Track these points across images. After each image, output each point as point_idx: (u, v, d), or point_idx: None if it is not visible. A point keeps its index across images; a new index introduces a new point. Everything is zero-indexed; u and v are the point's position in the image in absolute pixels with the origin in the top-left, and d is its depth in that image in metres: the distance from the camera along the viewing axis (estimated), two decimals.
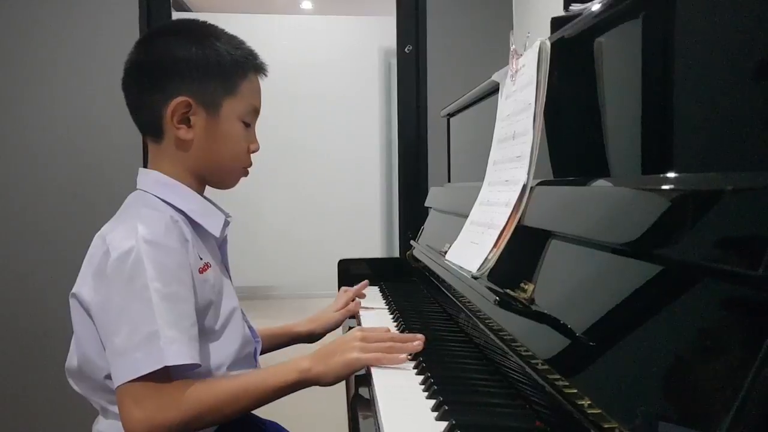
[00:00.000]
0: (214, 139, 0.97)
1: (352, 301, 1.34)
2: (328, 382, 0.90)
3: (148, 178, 0.98)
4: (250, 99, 0.99)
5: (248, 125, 1.00)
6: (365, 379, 0.90)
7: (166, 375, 0.82)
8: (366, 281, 1.42)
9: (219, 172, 1.01)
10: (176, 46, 0.96)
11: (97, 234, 0.92)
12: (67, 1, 2.03)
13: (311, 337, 1.27)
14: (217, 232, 1.00)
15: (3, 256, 2.04)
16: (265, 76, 1.04)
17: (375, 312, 1.34)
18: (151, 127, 0.98)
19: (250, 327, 1.07)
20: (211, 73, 0.95)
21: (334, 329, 1.31)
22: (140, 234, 0.86)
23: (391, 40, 2.30)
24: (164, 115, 0.95)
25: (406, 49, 2.19)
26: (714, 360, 0.44)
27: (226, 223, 1.02)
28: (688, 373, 0.46)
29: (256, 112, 1.02)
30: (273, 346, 1.23)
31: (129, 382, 0.80)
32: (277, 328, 1.25)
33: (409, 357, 0.94)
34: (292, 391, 0.89)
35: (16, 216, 2.04)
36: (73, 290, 0.91)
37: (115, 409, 0.90)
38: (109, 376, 0.88)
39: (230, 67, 0.97)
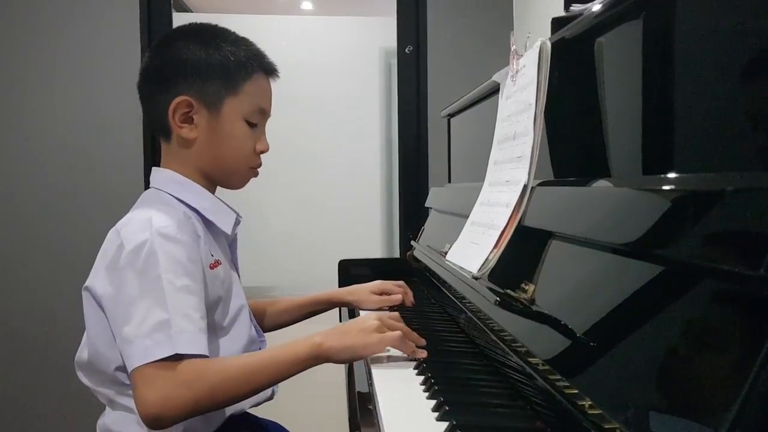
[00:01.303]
0: (217, 137, 0.98)
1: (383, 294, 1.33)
2: (341, 359, 0.90)
3: (162, 177, 1.00)
4: (254, 99, 1.00)
5: (254, 125, 1.01)
6: (366, 379, 0.90)
7: (177, 360, 0.83)
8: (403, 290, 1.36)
9: (224, 171, 1.02)
10: (183, 48, 0.98)
11: (111, 229, 0.93)
12: (69, 2, 2.04)
13: (348, 306, 1.34)
14: (228, 230, 1.01)
15: (8, 254, 2.05)
16: (277, 77, 1.04)
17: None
18: (159, 128, 1.00)
19: (255, 326, 1.07)
20: (212, 73, 0.97)
21: (365, 310, 1.32)
22: (154, 227, 0.87)
23: (391, 40, 2.30)
24: (168, 115, 0.96)
25: (406, 50, 2.19)
26: (715, 361, 0.44)
27: (237, 222, 1.04)
28: (689, 374, 0.46)
29: (262, 112, 1.02)
30: (308, 314, 1.30)
31: (141, 366, 0.81)
32: (316, 295, 1.32)
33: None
34: (305, 368, 0.88)
35: (19, 215, 2.05)
36: (86, 284, 0.93)
37: (123, 400, 0.91)
38: (119, 368, 0.90)
39: (233, 68, 0.98)
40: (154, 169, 1.02)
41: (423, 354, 0.94)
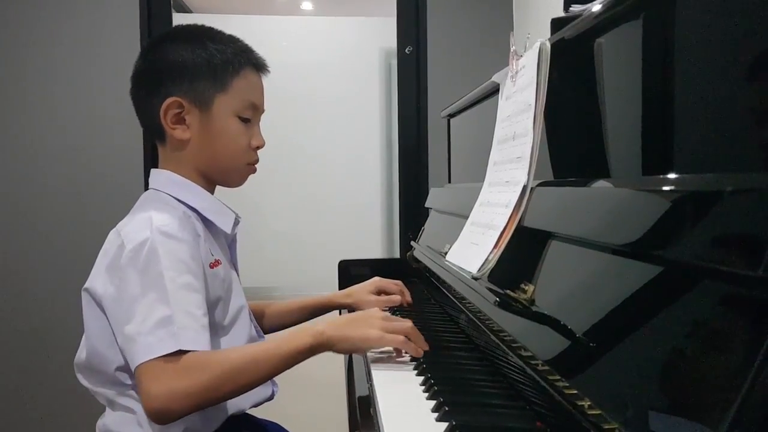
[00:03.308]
0: (210, 136, 0.98)
1: (383, 293, 1.32)
2: (342, 349, 0.91)
3: (161, 178, 1.00)
4: (245, 95, 1.00)
5: (247, 121, 1.01)
6: (365, 380, 0.90)
7: (180, 355, 0.83)
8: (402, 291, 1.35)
9: (221, 169, 1.02)
10: (169, 50, 0.98)
11: (112, 230, 0.94)
12: (69, 2, 2.04)
13: (346, 308, 1.31)
14: (228, 229, 1.02)
15: (8, 255, 2.05)
16: (267, 71, 1.04)
17: None
18: (154, 131, 1.00)
19: (255, 326, 1.08)
20: (200, 72, 0.97)
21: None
22: (155, 225, 0.88)
23: (391, 41, 2.30)
24: (160, 117, 0.96)
25: (406, 50, 2.19)
26: (714, 361, 0.44)
27: (236, 222, 1.04)
28: (688, 374, 0.46)
29: (254, 107, 1.02)
30: (309, 315, 1.28)
31: (145, 362, 0.81)
32: (311, 299, 1.29)
33: (409, 358, 0.95)
34: (308, 356, 0.89)
35: (19, 216, 2.05)
36: (86, 285, 0.93)
37: (122, 401, 0.92)
38: (119, 368, 0.90)
39: (220, 65, 0.98)
40: (152, 170, 1.02)
41: (426, 346, 0.95)
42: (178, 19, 2.50)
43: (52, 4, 2.03)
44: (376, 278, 1.35)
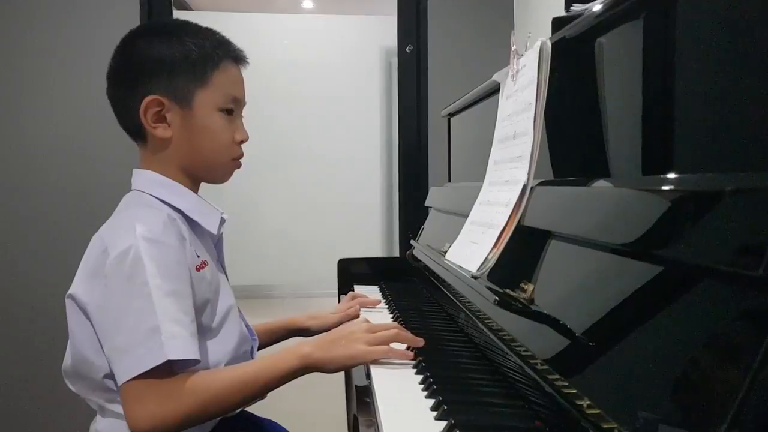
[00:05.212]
0: (193, 132, 0.96)
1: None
2: (330, 370, 0.90)
3: (143, 178, 0.98)
4: (226, 89, 0.97)
5: (230, 115, 0.99)
6: (364, 378, 0.90)
7: (168, 371, 0.82)
8: (380, 301, 1.41)
9: (206, 166, 1.00)
10: (144, 47, 0.96)
11: (95, 235, 0.92)
12: (67, 1, 2.03)
13: (307, 333, 1.27)
14: (214, 230, 0.99)
15: (0, 256, 2.04)
16: (247, 64, 1.02)
17: (375, 311, 1.34)
18: (133, 130, 0.98)
19: (247, 325, 1.07)
20: (178, 68, 0.94)
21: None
22: (138, 232, 0.85)
23: (392, 39, 2.30)
24: (140, 116, 0.94)
25: (407, 49, 2.19)
26: (713, 361, 0.44)
27: (222, 221, 1.02)
28: (687, 374, 0.46)
29: (236, 101, 0.99)
30: (272, 341, 1.23)
31: (131, 380, 0.80)
32: (275, 322, 1.25)
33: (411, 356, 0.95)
34: (295, 378, 0.89)
35: (13, 216, 2.04)
36: (70, 291, 0.90)
37: (113, 407, 0.90)
38: (107, 376, 0.88)
39: (199, 59, 0.95)
40: (135, 171, 1.00)
41: (420, 342, 0.95)
42: (179, 16, 2.50)
43: (51, 2, 2.03)
44: (350, 295, 1.40)
